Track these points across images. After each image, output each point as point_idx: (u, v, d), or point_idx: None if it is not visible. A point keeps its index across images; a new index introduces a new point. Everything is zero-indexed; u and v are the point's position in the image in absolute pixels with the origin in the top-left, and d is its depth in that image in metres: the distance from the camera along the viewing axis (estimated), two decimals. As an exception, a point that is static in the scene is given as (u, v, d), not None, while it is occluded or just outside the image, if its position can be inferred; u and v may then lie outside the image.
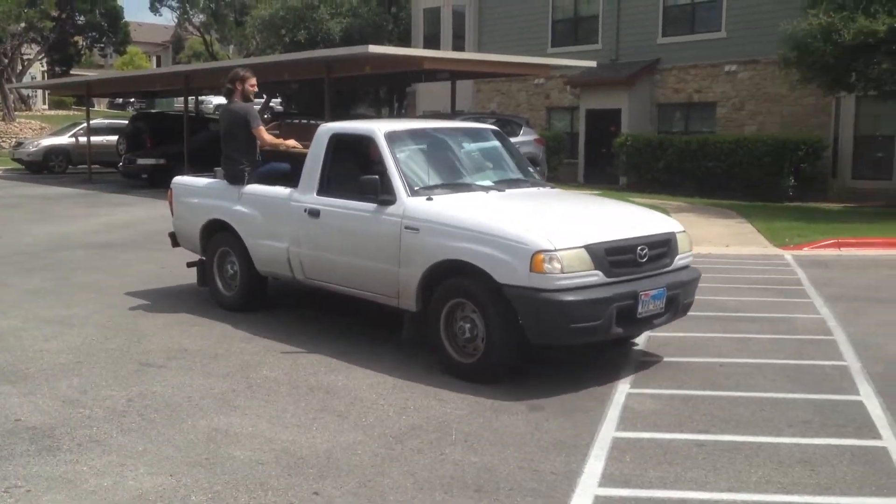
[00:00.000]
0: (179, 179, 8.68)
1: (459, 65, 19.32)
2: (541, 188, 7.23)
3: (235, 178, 7.81)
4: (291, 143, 8.16)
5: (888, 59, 14.36)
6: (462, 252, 5.83)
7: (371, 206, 6.47)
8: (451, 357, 6.02)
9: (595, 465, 4.58)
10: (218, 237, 8.01)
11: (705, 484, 4.35)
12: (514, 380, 5.97)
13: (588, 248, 5.62)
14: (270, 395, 5.69)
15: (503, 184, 6.96)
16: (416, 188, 6.43)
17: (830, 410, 5.41)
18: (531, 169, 7.57)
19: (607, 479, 4.40)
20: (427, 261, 6.06)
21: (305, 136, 7.83)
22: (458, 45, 27.97)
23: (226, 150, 7.94)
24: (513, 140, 18.19)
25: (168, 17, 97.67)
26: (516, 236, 5.63)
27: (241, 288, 7.86)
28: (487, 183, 6.90)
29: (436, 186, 6.54)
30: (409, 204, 6.29)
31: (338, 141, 7.09)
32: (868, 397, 5.63)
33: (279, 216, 7.28)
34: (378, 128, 6.85)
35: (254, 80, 8.04)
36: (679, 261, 6.28)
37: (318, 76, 18.61)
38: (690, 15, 23.15)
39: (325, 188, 6.99)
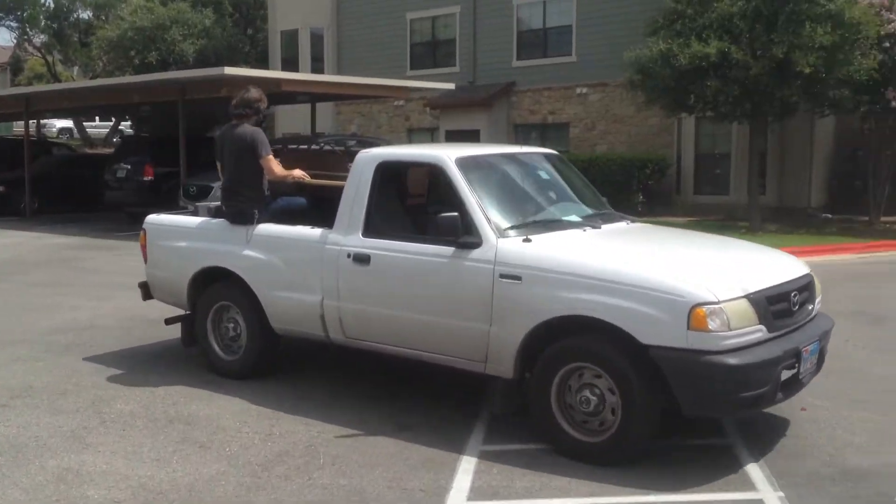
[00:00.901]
0: (156, 219, 7.08)
1: (318, 87, 19.26)
2: (632, 223, 6.16)
3: (242, 217, 6.36)
4: (298, 173, 6.57)
5: (719, 81, 15.39)
6: (587, 306, 4.72)
7: (447, 249, 5.27)
8: (567, 435, 4.90)
9: (463, 479, 4.65)
10: (215, 289, 6.57)
11: (570, 491, 4.50)
12: (381, 398, 5.97)
13: (749, 297, 4.67)
14: (126, 429, 5.44)
15: (592, 219, 5.84)
16: (503, 227, 5.27)
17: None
18: (603, 198, 6.42)
19: (476, 493, 4.48)
20: (534, 317, 4.90)
21: (315, 164, 6.78)
22: (318, 67, 27.86)
23: (228, 183, 6.57)
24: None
25: (6, 38, 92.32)
26: (667, 286, 4.59)
27: (249, 350, 6.40)
28: (575, 218, 5.78)
29: (525, 225, 5.41)
30: (502, 247, 5.11)
31: (387, 170, 5.89)
32: None
33: (309, 263, 5.92)
34: (446, 154, 5.61)
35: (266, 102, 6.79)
36: (817, 306, 5.44)
37: (171, 99, 18.05)
38: (543, 40, 24.02)
39: (374, 228, 5.69)
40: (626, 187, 20.02)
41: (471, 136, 24.05)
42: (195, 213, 7.04)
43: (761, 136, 17.58)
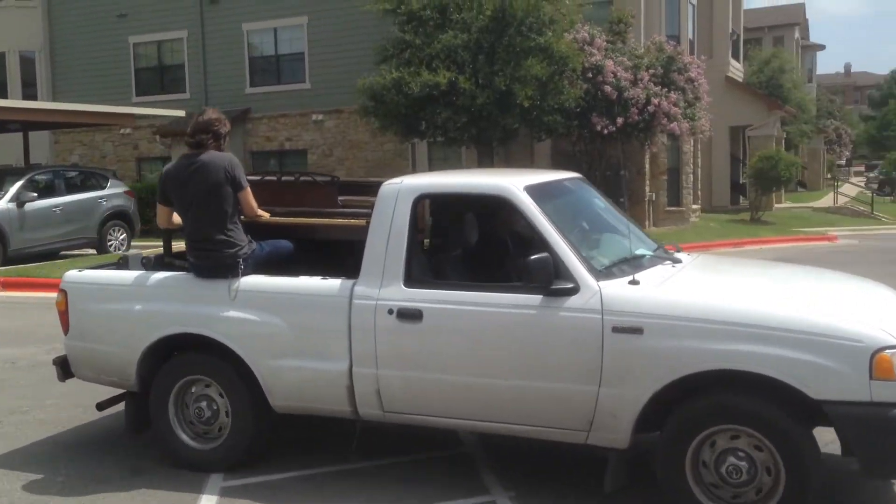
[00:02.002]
0: (82, 276, 5.47)
1: (30, 115, 17.75)
2: (691, 255, 5.41)
3: (222, 270, 5.01)
4: (265, 214, 5.37)
5: (448, 108, 16.20)
6: (738, 358, 3.94)
7: (531, 298, 4.34)
8: None
9: (201, 517, 4.41)
10: (181, 362, 5.18)
11: (310, 514, 4.43)
12: (116, 444, 5.55)
13: None
14: None
15: (658, 252, 5.10)
16: (599, 268, 4.42)
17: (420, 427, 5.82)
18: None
19: (214, 531, 4.27)
20: (664, 374, 4.07)
21: (293, 198, 5.54)
22: (30, 93, 25.64)
23: (197, 229, 5.09)
24: (100, 193, 17.52)
25: None
26: (840, 330, 3.90)
27: (237, 435, 5.03)
28: (648, 252, 5.00)
29: (615, 263, 4.59)
30: (608, 292, 4.24)
31: (430, 205, 5.11)
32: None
33: (329, 323, 4.74)
34: (511, 183, 4.68)
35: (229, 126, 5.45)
36: None
37: None
38: (276, 67, 23.88)
39: (419, 276, 4.69)
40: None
41: (206, 165, 23.24)
42: (122, 266, 5.68)
43: (488, 159, 18.69)
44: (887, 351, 3.81)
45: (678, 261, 4.93)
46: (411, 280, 4.61)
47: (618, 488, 4.29)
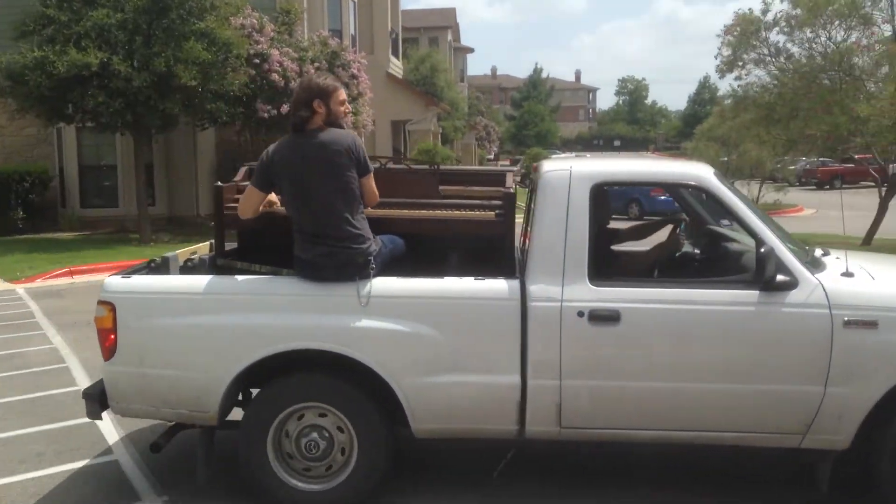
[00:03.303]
0: (131, 284, 4.26)
1: None
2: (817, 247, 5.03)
3: (350, 269, 4.12)
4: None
5: (101, 91, 15.02)
6: None
7: (749, 293, 3.99)
8: None
9: None
10: (288, 386, 4.21)
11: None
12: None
13: None
14: None
15: (799, 243, 4.72)
16: (807, 260, 4.16)
17: (66, 437, 5.42)
18: None
19: None
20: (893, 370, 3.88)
21: (395, 188, 4.64)
22: None
23: (319, 217, 4.17)
24: None
25: None
26: None
27: (364, 471, 4.18)
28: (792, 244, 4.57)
29: (810, 255, 4.34)
30: (830, 285, 3.99)
31: (604, 193, 4.63)
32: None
33: (494, 329, 4.05)
34: (700, 170, 4.35)
35: (344, 95, 4.38)
36: None
37: None
38: None
39: (603, 273, 4.16)
40: (4, 203, 18.31)
41: None
42: (162, 269, 4.54)
43: (146, 148, 17.67)
44: None
45: (827, 252, 4.61)
46: (598, 277, 4.11)
47: (825, 489, 4.14)
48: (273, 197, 4.43)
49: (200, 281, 4.24)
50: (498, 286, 4.10)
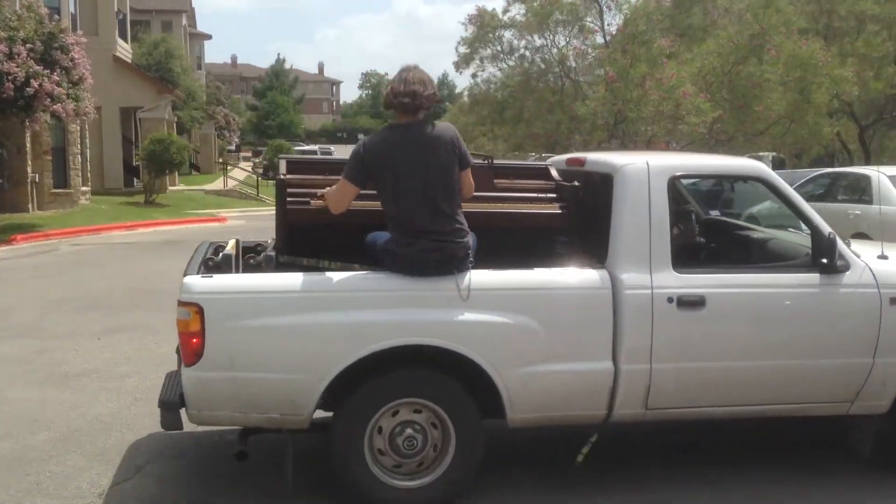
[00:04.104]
0: (218, 284, 3.92)
1: None
2: None
3: (452, 263, 4.04)
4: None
5: None
6: None
7: (813, 276, 4.41)
8: None
9: None
10: (386, 382, 4.06)
11: None
12: None
13: None
14: None
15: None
16: (850, 243, 4.74)
17: None
18: None
19: None
20: None
21: None
22: None
23: (425, 210, 4.04)
24: None
25: None
26: None
27: (461, 465, 4.14)
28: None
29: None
30: (875, 266, 4.50)
31: (678, 187, 5.00)
32: None
33: (588, 318, 4.16)
34: (757, 164, 4.87)
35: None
36: None
37: None
38: None
39: (683, 260, 4.38)
40: None
41: None
42: (223, 268, 4.24)
43: None
44: None
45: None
46: (679, 264, 4.32)
47: (867, 455, 4.70)
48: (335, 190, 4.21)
49: (294, 279, 4.05)
50: (591, 276, 4.23)
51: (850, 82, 12.48)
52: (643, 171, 4.41)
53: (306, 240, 4.36)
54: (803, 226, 4.65)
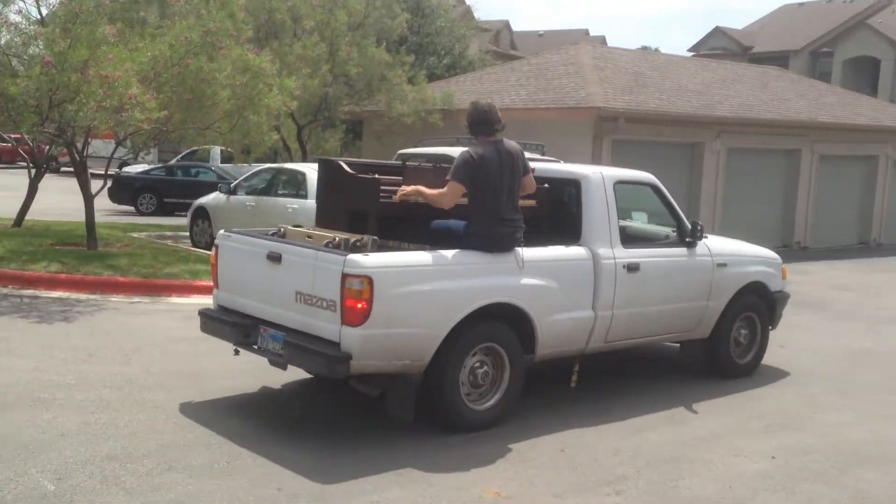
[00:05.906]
0: (382, 260, 5.16)
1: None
2: None
3: (516, 242, 5.74)
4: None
5: None
6: (757, 275, 7.29)
7: (684, 249, 6.80)
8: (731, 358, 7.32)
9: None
10: (476, 332, 5.52)
11: None
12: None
13: None
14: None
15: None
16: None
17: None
18: None
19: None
20: (732, 289, 7.04)
21: (435, 181, 5.89)
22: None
23: (510, 205, 5.73)
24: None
25: None
26: (771, 256, 7.65)
27: (511, 391, 5.73)
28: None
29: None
30: (709, 243, 6.98)
31: (619, 188, 6.52)
32: None
33: (583, 280, 6.10)
34: (649, 175, 7.02)
35: None
36: None
37: None
38: None
39: (625, 239, 6.43)
40: None
41: None
42: (363, 248, 5.34)
43: None
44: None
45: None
46: (624, 241, 6.33)
47: (689, 367, 7.50)
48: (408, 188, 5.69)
49: (425, 256, 5.32)
50: (582, 252, 6.06)
51: (293, 96, 13.54)
52: (599, 179, 6.35)
53: (385, 226, 5.65)
54: (672, 219, 6.94)
